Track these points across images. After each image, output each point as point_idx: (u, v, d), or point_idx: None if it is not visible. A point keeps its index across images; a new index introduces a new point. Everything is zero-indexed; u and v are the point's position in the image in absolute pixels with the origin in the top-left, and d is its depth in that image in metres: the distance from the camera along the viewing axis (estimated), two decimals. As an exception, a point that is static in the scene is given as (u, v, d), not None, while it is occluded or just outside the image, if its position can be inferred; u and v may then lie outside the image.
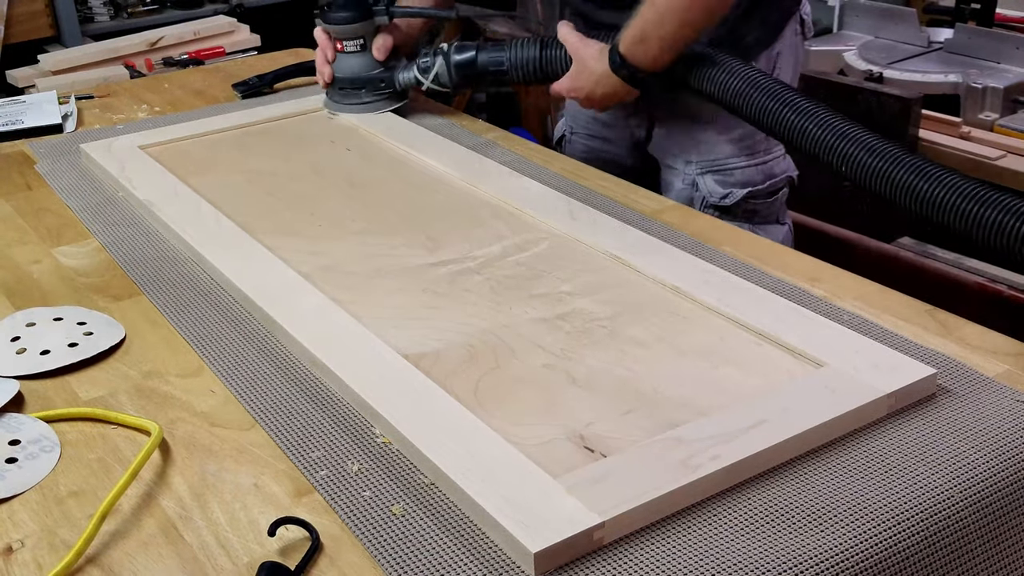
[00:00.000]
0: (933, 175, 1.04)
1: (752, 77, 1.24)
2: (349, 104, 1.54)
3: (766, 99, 1.20)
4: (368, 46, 1.51)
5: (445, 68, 1.46)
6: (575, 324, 0.98)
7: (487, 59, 1.44)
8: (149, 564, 0.73)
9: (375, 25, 1.51)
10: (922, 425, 0.84)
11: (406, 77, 1.51)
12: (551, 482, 0.75)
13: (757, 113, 1.21)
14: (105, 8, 3.25)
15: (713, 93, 1.28)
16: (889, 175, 1.07)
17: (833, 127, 1.14)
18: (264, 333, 1.00)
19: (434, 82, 1.48)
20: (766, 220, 1.49)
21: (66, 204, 1.31)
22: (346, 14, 1.48)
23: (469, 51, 1.46)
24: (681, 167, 1.47)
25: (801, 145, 1.17)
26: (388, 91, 1.53)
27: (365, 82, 1.52)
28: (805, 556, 0.71)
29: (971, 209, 1.01)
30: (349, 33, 1.50)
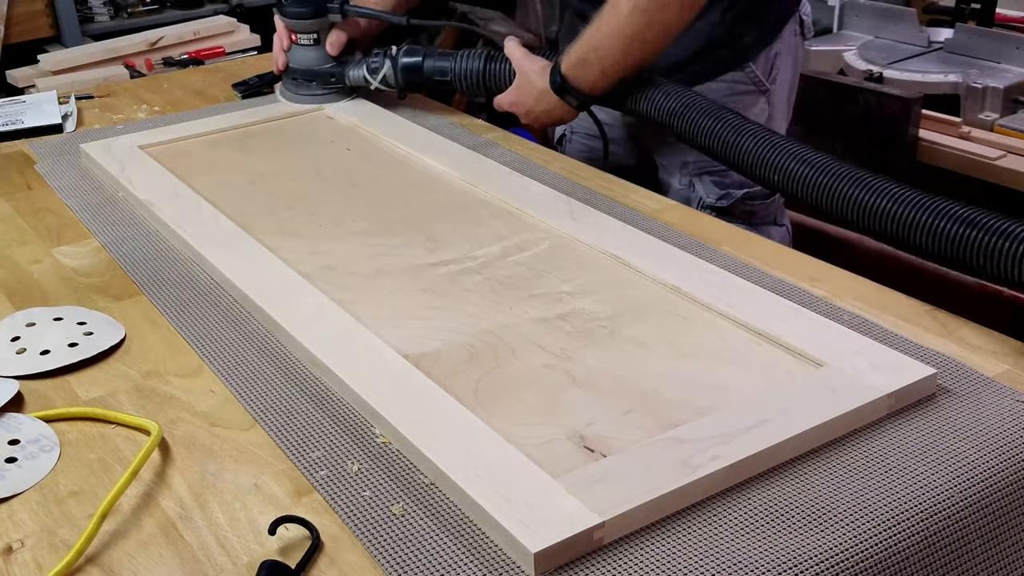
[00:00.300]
0: (862, 181, 1.04)
1: (690, 99, 1.24)
2: (300, 95, 1.58)
3: (703, 119, 1.21)
4: (322, 41, 1.54)
5: (392, 70, 1.50)
6: (575, 324, 0.98)
7: (432, 66, 1.49)
8: (149, 564, 0.73)
9: (329, 22, 1.54)
10: (922, 425, 0.84)
11: (355, 75, 1.54)
12: (551, 482, 0.75)
13: (694, 132, 1.22)
14: (105, 8, 3.25)
15: (649, 113, 1.28)
16: (817, 182, 1.07)
17: (767, 141, 1.14)
18: (264, 333, 1.00)
19: (381, 83, 1.52)
20: (764, 221, 1.49)
21: (66, 204, 1.31)
22: (300, 9, 1.52)
23: (416, 56, 1.49)
24: (678, 168, 1.47)
25: (736, 161, 1.18)
26: (338, 86, 1.56)
27: (316, 75, 1.56)
28: (805, 556, 0.71)
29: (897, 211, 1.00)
30: (303, 27, 1.54)
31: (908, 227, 1.00)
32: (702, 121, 1.21)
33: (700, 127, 1.21)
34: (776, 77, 1.45)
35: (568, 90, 1.31)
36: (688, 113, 1.23)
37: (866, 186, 1.04)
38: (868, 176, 1.05)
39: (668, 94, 1.26)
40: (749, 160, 1.15)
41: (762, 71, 1.43)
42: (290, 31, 1.55)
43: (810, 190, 1.08)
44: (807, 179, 1.08)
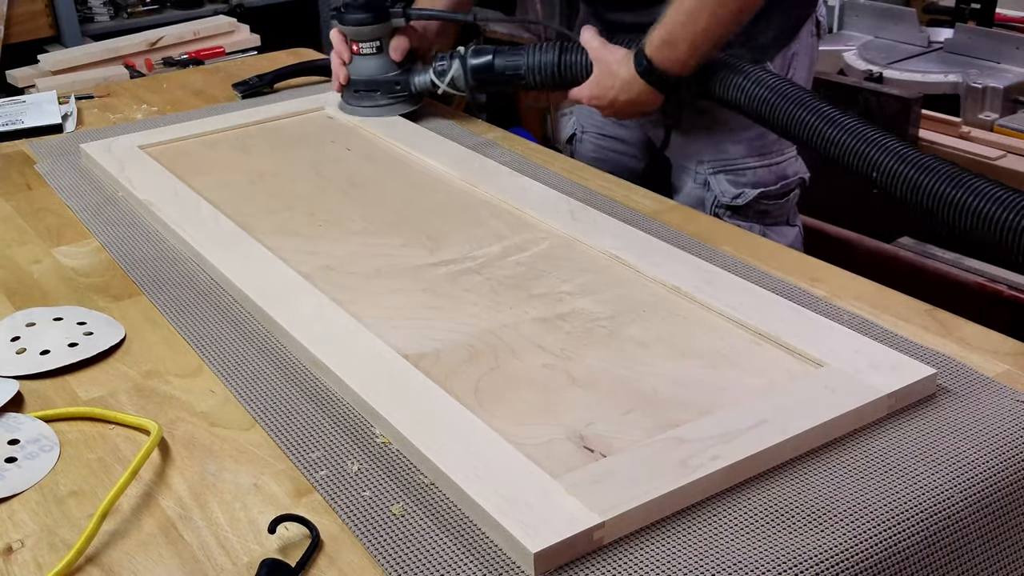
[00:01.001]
0: (964, 182, 1.04)
1: (777, 85, 1.23)
2: (364, 107, 1.53)
3: (793, 107, 1.20)
4: (384, 48, 1.50)
5: (461, 71, 1.46)
6: (575, 324, 0.98)
7: (504, 63, 1.44)
8: (149, 564, 0.73)
9: (392, 27, 1.50)
10: (922, 425, 0.84)
11: (422, 80, 1.50)
12: (551, 482, 0.75)
13: (784, 121, 1.21)
14: (105, 8, 3.25)
15: (738, 101, 1.27)
16: (919, 183, 1.07)
17: (863, 135, 1.13)
18: (264, 333, 1.00)
19: (450, 85, 1.48)
20: (777, 221, 1.49)
21: (66, 204, 1.31)
22: (363, 15, 1.48)
23: (486, 55, 1.45)
24: (693, 167, 1.47)
25: (831, 153, 1.17)
26: (404, 94, 1.52)
27: (380, 84, 1.51)
28: (805, 556, 0.71)
29: (1002, 216, 1.00)
30: (366, 35, 1.49)
31: (1009, 231, 1.00)
32: (796, 112, 1.19)
33: (794, 118, 1.19)
34: (793, 77, 1.45)
35: (655, 73, 1.29)
36: (780, 103, 1.21)
37: (965, 187, 1.03)
38: (968, 176, 1.04)
39: (759, 82, 1.24)
40: (846, 155, 1.14)
41: (779, 70, 1.43)
42: (350, 41, 1.50)
43: (911, 190, 1.08)
44: (906, 178, 1.08)
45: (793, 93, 1.21)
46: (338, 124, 1.53)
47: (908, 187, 1.08)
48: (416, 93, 1.53)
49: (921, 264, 1.84)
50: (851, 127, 1.15)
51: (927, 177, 1.06)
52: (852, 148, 1.13)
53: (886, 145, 1.11)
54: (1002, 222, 1.00)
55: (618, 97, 1.34)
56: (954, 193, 1.04)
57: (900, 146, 1.11)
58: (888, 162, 1.10)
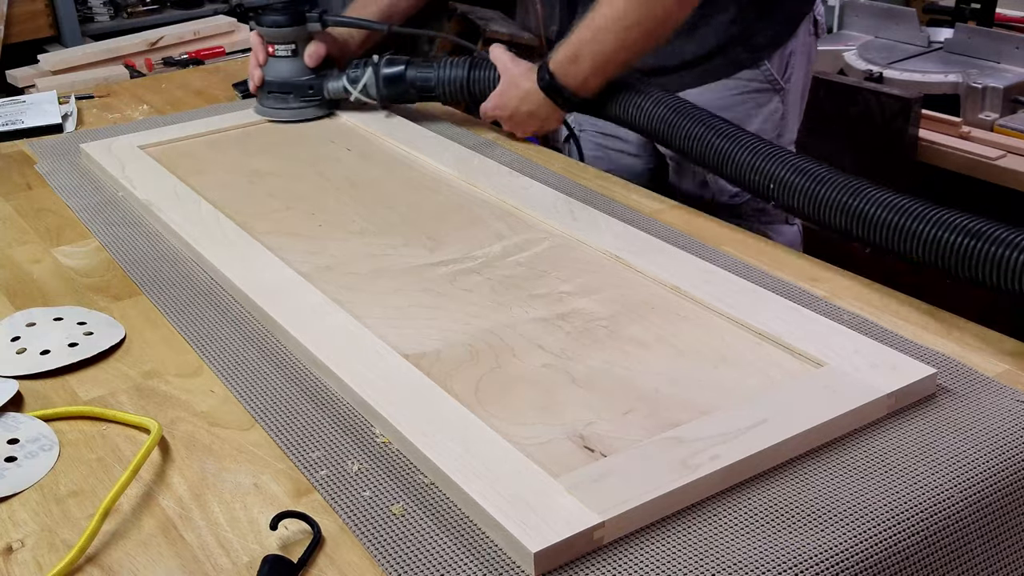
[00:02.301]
0: (860, 191, 1.03)
1: (677, 105, 1.23)
2: (276, 109, 1.53)
3: (692, 125, 1.19)
4: (300, 52, 1.51)
5: (373, 79, 1.48)
6: (575, 324, 0.98)
7: (415, 75, 1.46)
8: (149, 563, 0.73)
9: (308, 32, 1.51)
10: (922, 425, 0.84)
11: (335, 86, 1.51)
12: (551, 482, 0.75)
13: (681, 140, 1.21)
14: (105, 8, 3.25)
15: (636, 121, 1.27)
16: (814, 193, 1.06)
17: (761, 151, 1.13)
18: (264, 333, 1.00)
19: (362, 92, 1.50)
20: (775, 220, 1.49)
21: (66, 204, 1.31)
22: (279, 18, 1.49)
23: (399, 65, 1.47)
24: (691, 165, 1.47)
25: (725, 169, 1.16)
26: (317, 99, 1.53)
27: (293, 87, 1.52)
28: (805, 556, 0.71)
29: (895, 221, 0.99)
30: (280, 37, 1.50)
31: (902, 235, 0.99)
32: (692, 128, 1.19)
33: (690, 134, 1.19)
34: (791, 76, 1.45)
35: (556, 88, 1.30)
36: (677, 120, 1.21)
37: (859, 194, 1.03)
38: (861, 184, 1.04)
39: (657, 101, 1.24)
40: (742, 169, 1.14)
41: (777, 70, 1.43)
42: (266, 42, 1.52)
43: (804, 199, 1.07)
44: (801, 188, 1.07)
45: (690, 111, 1.21)
46: (338, 124, 1.53)
47: (805, 198, 1.07)
48: (329, 99, 1.53)
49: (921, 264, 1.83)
50: (747, 142, 1.15)
51: (823, 188, 1.06)
52: (748, 163, 1.13)
53: (782, 158, 1.11)
54: (895, 226, 0.99)
55: (519, 108, 1.36)
56: (851, 201, 1.03)
57: (797, 159, 1.10)
58: (785, 174, 1.09)
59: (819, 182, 1.06)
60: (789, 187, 1.09)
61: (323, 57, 1.51)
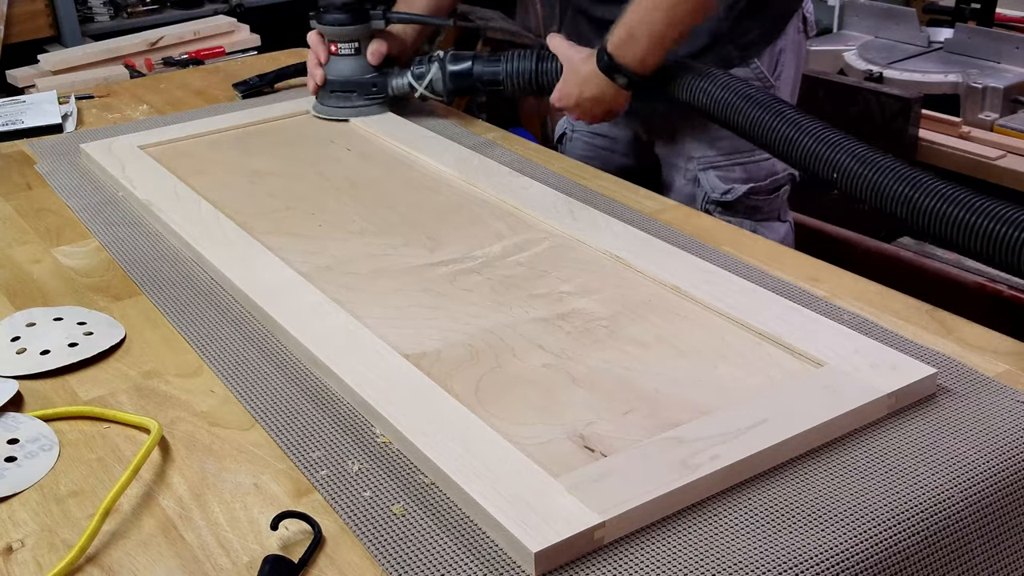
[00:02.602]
0: (923, 184, 1.03)
1: (738, 88, 1.23)
2: (339, 107, 1.53)
3: (754, 109, 1.20)
4: (362, 50, 1.51)
5: (440, 76, 1.48)
6: (575, 324, 0.98)
7: (483, 70, 1.46)
8: (149, 563, 0.73)
9: (371, 29, 1.51)
10: (922, 425, 0.84)
11: (400, 83, 1.52)
12: (551, 482, 0.75)
13: (745, 123, 1.21)
14: (105, 8, 3.25)
15: (699, 103, 1.27)
16: (880, 185, 1.06)
17: (822, 137, 1.13)
18: (264, 333, 1.00)
19: (427, 89, 1.50)
20: (768, 217, 1.49)
21: (66, 204, 1.31)
22: (342, 16, 1.49)
23: (465, 61, 1.47)
24: (683, 164, 1.47)
25: (791, 155, 1.17)
26: (380, 96, 1.53)
27: (357, 86, 1.52)
28: (805, 556, 0.71)
29: (964, 217, 0.99)
30: (344, 36, 1.50)
31: (965, 231, 0.99)
32: (758, 114, 1.19)
33: (756, 120, 1.19)
34: (780, 74, 1.45)
35: (617, 68, 1.29)
36: (743, 105, 1.21)
37: (922, 188, 1.03)
38: (925, 177, 1.04)
39: (723, 85, 1.25)
40: (807, 157, 1.14)
41: (767, 68, 1.43)
42: (328, 41, 1.51)
43: (869, 191, 1.08)
44: (866, 179, 1.08)
45: (758, 96, 1.22)
46: (338, 124, 1.53)
47: (869, 189, 1.08)
48: (393, 96, 1.54)
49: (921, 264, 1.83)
50: (813, 130, 1.15)
51: (887, 179, 1.06)
52: (814, 151, 1.13)
53: (847, 147, 1.11)
54: (960, 222, 1.00)
55: (583, 94, 1.35)
56: (913, 195, 1.03)
57: (861, 149, 1.11)
58: (849, 164, 1.09)
59: (881, 172, 1.07)
60: (851, 175, 1.09)
61: (385, 55, 1.52)
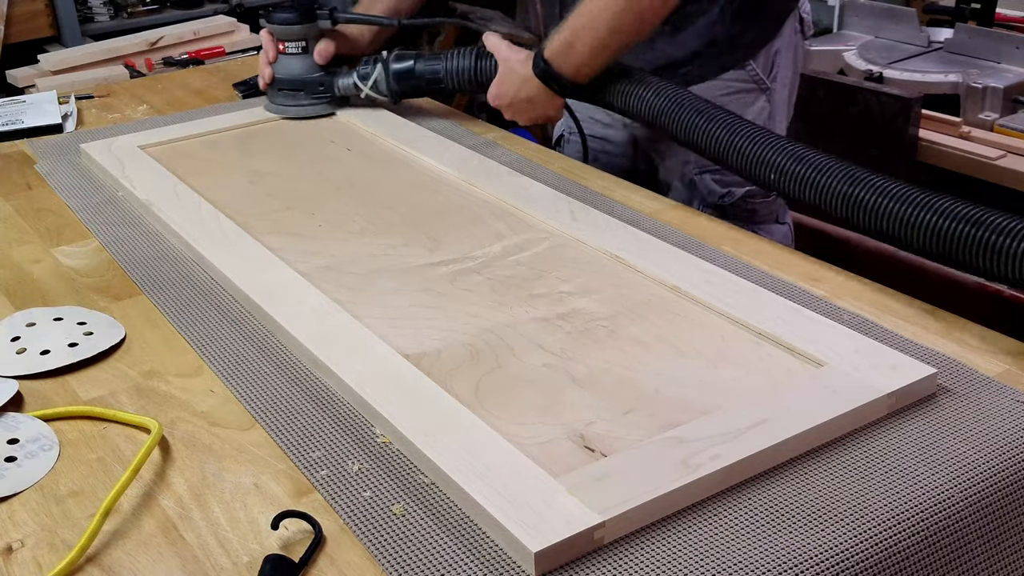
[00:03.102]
0: (861, 180, 1.03)
1: (673, 94, 1.23)
2: (286, 106, 1.54)
3: (688, 115, 1.19)
4: (310, 49, 1.52)
5: (384, 76, 1.49)
6: (575, 324, 0.98)
7: (424, 68, 1.47)
8: (149, 564, 0.73)
9: (318, 29, 1.52)
10: (922, 425, 0.84)
11: (346, 83, 1.52)
12: (551, 482, 0.75)
13: (680, 129, 1.21)
14: (105, 8, 3.25)
15: (635, 110, 1.27)
16: (819, 183, 1.06)
17: (757, 139, 1.13)
18: (264, 333, 1.00)
19: (372, 89, 1.51)
20: (765, 220, 1.49)
21: (66, 204, 1.31)
22: (289, 16, 1.50)
23: (408, 60, 1.48)
24: (679, 167, 1.47)
25: (727, 159, 1.16)
26: (327, 96, 1.54)
27: (304, 84, 1.53)
28: (805, 556, 0.71)
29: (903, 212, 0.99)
30: (291, 34, 1.51)
31: (906, 225, 0.99)
32: (694, 120, 1.19)
33: (693, 126, 1.19)
34: (777, 75, 1.45)
35: (552, 75, 1.30)
36: (678, 112, 1.21)
37: (864, 184, 1.03)
38: (865, 173, 1.04)
39: (658, 91, 1.24)
40: (745, 160, 1.14)
41: (763, 69, 1.43)
42: (277, 40, 1.53)
43: (808, 189, 1.07)
44: (805, 178, 1.08)
45: (692, 102, 1.21)
46: (338, 124, 1.53)
47: (807, 187, 1.07)
48: (340, 95, 1.54)
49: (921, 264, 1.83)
50: (748, 132, 1.14)
51: (825, 177, 1.05)
52: (750, 153, 1.13)
53: (784, 148, 1.10)
54: (896, 216, 0.99)
55: (517, 95, 1.36)
56: (854, 191, 1.03)
57: (799, 148, 1.10)
58: (787, 164, 1.09)
59: (821, 171, 1.06)
60: (790, 176, 1.09)
61: (333, 54, 1.52)
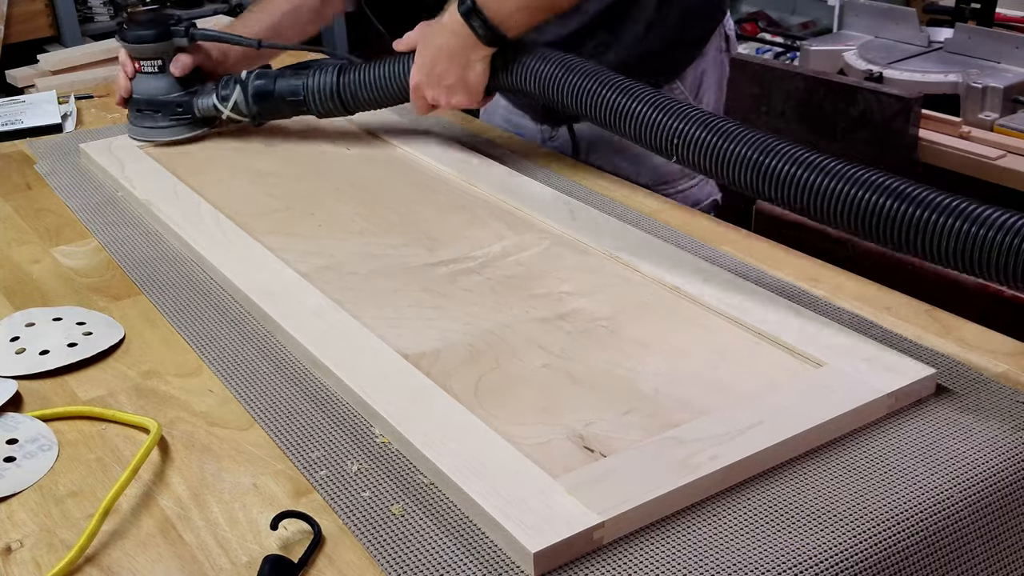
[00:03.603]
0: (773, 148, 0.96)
1: (569, 62, 1.16)
2: (144, 128, 1.44)
3: (583, 80, 1.12)
4: (167, 69, 1.42)
5: (243, 96, 1.38)
6: (575, 324, 0.98)
7: (284, 87, 1.37)
8: (148, 564, 0.73)
9: (175, 47, 1.41)
10: (922, 425, 0.84)
11: (205, 104, 1.42)
12: (551, 482, 0.75)
13: (575, 97, 1.13)
14: (105, 8, 3.26)
15: (530, 86, 1.19)
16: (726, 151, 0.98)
17: (659, 104, 1.05)
18: (263, 333, 1.00)
19: (233, 110, 1.40)
20: None
21: (66, 204, 1.31)
22: (143, 33, 1.40)
23: (267, 78, 1.38)
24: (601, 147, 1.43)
25: (624, 127, 1.09)
26: (186, 117, 1.43)
27: (161, 106, 1.43)
28: (805, 556, 0.71)
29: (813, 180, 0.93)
30: (146, 53, 1.41)
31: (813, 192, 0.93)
32: (587, 85, 1.11)
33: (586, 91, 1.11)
34: (704, 95, 1.43)
35: (477, 12, 1.17)
36: (571, 79, 1.13)
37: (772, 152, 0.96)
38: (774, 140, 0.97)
39: (546, 59, 1.17)
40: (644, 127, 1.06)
41: (689, 89, 1.41)
42: (133, 58, 1.42)
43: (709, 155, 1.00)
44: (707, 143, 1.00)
45: (584, 67, 1.14)
46: (338, 124, 1.53)
47: (713, 154, 0.99)
48: (201, 117, 1.44)
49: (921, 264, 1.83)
50: (649, 98, 1.07)
51: (733, 144, 0.98)
52: (652, 119, 1.05)
53: (688, 114, 1.03)
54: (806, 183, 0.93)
55: (437, 52, 1.23)
56: (763, 159, 0.96)
57: (703, 114, 1.03)
58: (690, 129, 1.02)
59: (726, 137, 0.99)
60: (694, 143, 1.01)
61: (190, 67, 1.42)
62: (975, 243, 0.82)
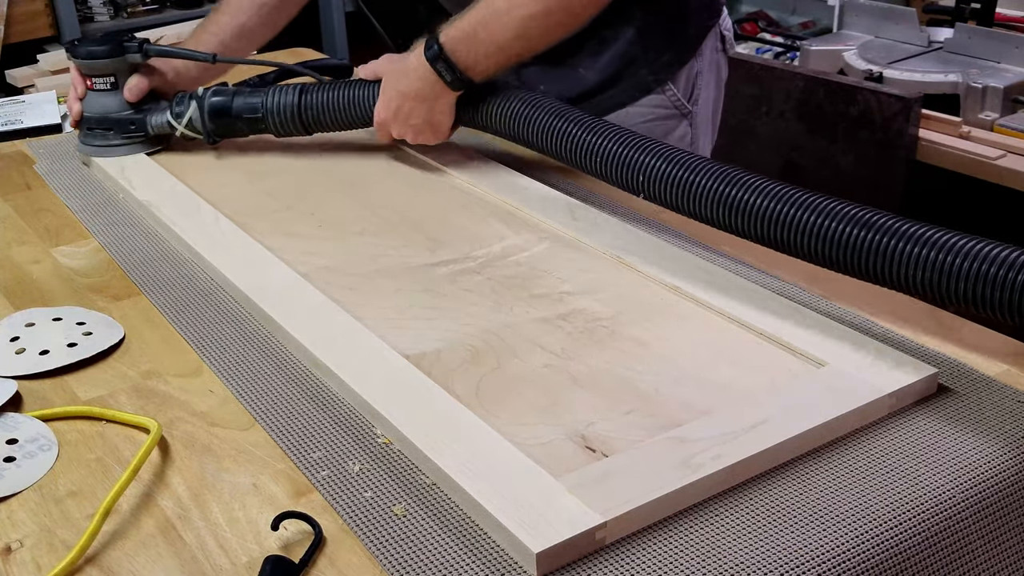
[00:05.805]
0: (737, 180, 0.95)
1: (535, 100, 1.17)
2: (97, 146, 1.40)
3: (550, 118, 1.13)
4: (120, 85, 1.38)
5: (199, 112, 1.35)
6: (576, 324, 0.98)
7: (242, 105, 1.34)
8: (147, 564, 0.73)
9: (128, 63, 1.38)
10: (923, 425, 0.84)
11: (158, 121, 1.38)
12: (553, 482, 0.75)
13: (542, 134, 1.15)
14: (105, 8, 3.26)
15: (498, 124, 1.21)
16: (693, 183, 0.98)
17: (624, 140, 1.06)
18: (264, 333, 1.00)
19: (188, 127, 1.37)
20: None
21: (65, 204, 1.31)
22: (95, 49, 1.37)
23: (225, 95, 1.35)
24: None
25: (592, 164, 1.10)
26: (140, 135, 1.39)
27: (114, 123, 1.39)
28: (807, 556, 0.71)
29: (774, 208, 0.92)
30: (97, 69, 1.37)
31: (781, 224, 0.92)
32: (556, 124, 1.12)
33: (554, 130, 1.12)
34: (698, 98, 1.41)
35: (446, 61, 1.18)
36: (537, 115, 1.14)
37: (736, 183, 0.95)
38: (735, 171, 0.97)
39: (517, 99, 1.18)
40: (608, 162, 1.07)
41: (683, 92, 1.40)
42: (84, 75, 1.38)
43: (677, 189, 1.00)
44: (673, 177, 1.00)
45: (551, 105, 1.15)
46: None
47: (679, 188, 0.99)
48: (155, 135, 1.40)
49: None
50: (612, 134, 1.07)
51: (697, 177, 0.98)
52: (616, 154, 1.06)
53: (652, 148, 1.03)
54: (774, 215, 0.92)
55: (405, 93, 1.23)
56: (727, 190, 0.95)
57: (669, 149, 1.03)
58: (656, 164, 1.01)
59: (694, 171, 0.99)
60: (661, 178, 1.01)
61: (145, 91, 1.38)
62: (951, 273, 0.80)
